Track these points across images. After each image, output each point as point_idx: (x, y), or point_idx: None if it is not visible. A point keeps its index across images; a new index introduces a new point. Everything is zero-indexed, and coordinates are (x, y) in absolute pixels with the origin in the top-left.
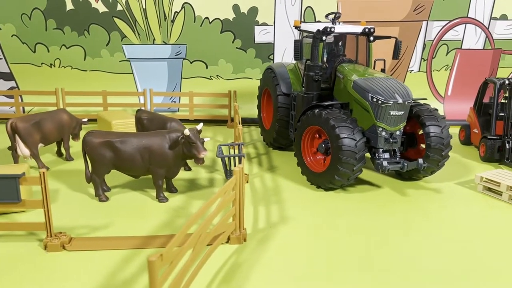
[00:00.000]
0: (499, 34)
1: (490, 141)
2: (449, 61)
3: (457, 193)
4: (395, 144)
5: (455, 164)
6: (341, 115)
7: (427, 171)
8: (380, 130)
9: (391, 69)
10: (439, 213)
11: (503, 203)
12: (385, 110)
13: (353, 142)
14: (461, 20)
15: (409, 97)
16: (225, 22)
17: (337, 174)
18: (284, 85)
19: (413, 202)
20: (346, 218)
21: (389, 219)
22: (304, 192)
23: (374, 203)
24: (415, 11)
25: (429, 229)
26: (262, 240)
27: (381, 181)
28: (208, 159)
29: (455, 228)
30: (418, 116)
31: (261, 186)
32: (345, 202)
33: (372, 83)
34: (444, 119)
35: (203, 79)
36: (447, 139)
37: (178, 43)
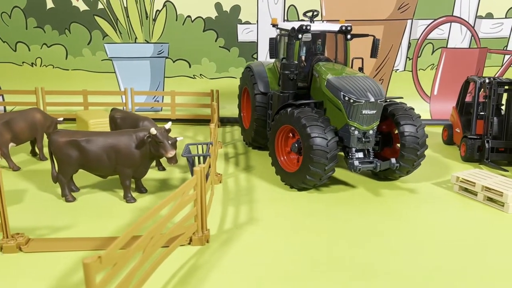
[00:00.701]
0: (484, 33)
1: (470, 140)
2: (435, 60)
3: (432, 193)
4: (368, 144)
5: (435, 164)
6: (313, 114)
7: (402, 171)
8: (353, 129)
9: (376, 68)
10: (412, 214)
11: (478, 204)
12: (357, 109)
13: (325, 142)
14: (446, 18)
15: (382, 96)
16: (208, 20)
17: (309, 174)
18: (262, 84)
19: (387, 203)
20: (315, 219)
21: (359, 220)
22: (277, 193)
23: (347, 204)
24: (400, 10)
25: (400, 230)
26: (226, 241)
27: (357, 181)
28: (182, 159)
29: (427, 229)
30: (393, 115)
31: (234, 186)
32: (317, 203)
33: (345, 82)
34: (420, 118)
35: (187, 78)
36: (422, 139)
37: (160, 42)
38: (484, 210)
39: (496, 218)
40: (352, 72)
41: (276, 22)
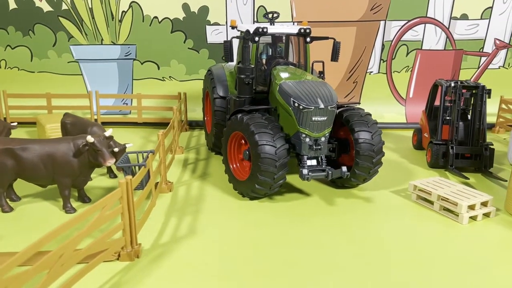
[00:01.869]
0: (460, 34)
1: (436, 146)
2: (410, 62)
3: (389, 202)
4: (320, 151)
5: (399, 170)
6: (262, 120)
7: (358, 178)
8: (304, 137)
9: (349, 70)
10: (361, 225)
11: (434, 214)
12: (306, 115)
13: (273, 149)
14: (420, 20)
15: (333, 102)
16: (175, 21)
17: (258, 182)
18: (221, 87)
19: (338, 213)
20: (259, 231)
21: (304, 231)
22: (227, 202)
23: (296, 214)
24: (372, 11)
25: (345, 242)
26: (158, 256)
27: (313, 189)
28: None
29: (374, 241)
30: (348, 121)
31: (184, 195)
32: (266, 213)
33: (296, 87)
34: (376, 124)
35: (156, 81)
36: (378, 146)
37: (128, 43)
38: (439, 220)
39: (449, 230)
40: (308, 77)
41: (235, 24)
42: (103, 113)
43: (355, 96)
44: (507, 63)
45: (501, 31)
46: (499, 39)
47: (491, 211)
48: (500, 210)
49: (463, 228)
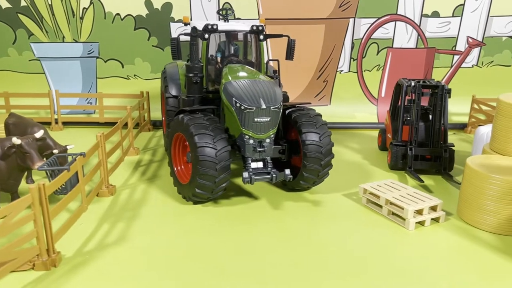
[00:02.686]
0: (431, 32)
1: (395, 147)
2: (381, 61)
3: (338, 206)
4: (264, 153)
5: (358, 171)
6: (204, 121)
7: (308, 181)
8: (247, 138)
9: (319, 69)
10: (305, 231)
11: (382, 219)
12: (248, 116)
13: (213, 152)
14: (390, 17)
15: (276, 102)
16: (138, 18)
17: (198, 186)
18: (173, 86)
19: (284, 217)
20: (196, 238)
21: (245, 237)
22: (169, 207)
23: (240, 219)
24: (341, 8)
25: (285, 249)
26: (78, 265)
27: (262, 192)
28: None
29: (317, 247)
30: (296, 122)
31: (126, 198)
32: (207, 218)
33: (240, 87)
34: (326, 125)
35: (120, 79)
36: (326, 147)
37: (90, 41)
38: (386, 226)
39: (394, 236)
40: (255, 76)
41: (188, 20)
42: (67, 112)
43: (325, 96)
44: (481, 61)
45: (473, 29)
46: (472, 37)
47: (441, 216)
48: (452, 214)
49: (409, 234)
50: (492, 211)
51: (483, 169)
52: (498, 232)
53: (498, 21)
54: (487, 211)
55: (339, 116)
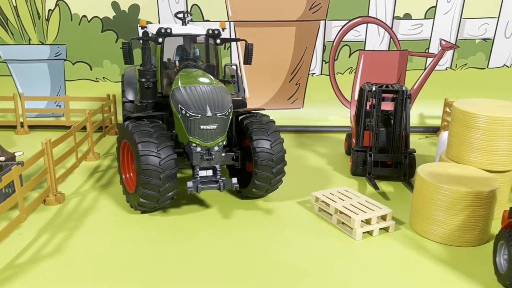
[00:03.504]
0: (404, 34)
1: (356, 153)
2: (353, 64)
3: (290, 214)
4: (213, 161)
5: (319, 177)
6: (148, 128)
7: (260, 189)
8: (194, 146)
9: (291, 72)
10: (251, 241)
11: (332, 228)
12: (194, 123)
13: (157, 160)
14: (362, 19)
15: (223, 110)
16: (105, 20)
17: (141, 196)
18: (130, 91)
19: (232, 227)
20: (134, 249)
21: (186, 248)
22: (116, 216)
23: (186, 229)
24: (311, 10)
25: (225, 260)
26: (6, 279)
27: (215, 200)
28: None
29: (259, 259)
30: (247, 129)
31: (73, 207)
32: (153, 228)
33: (187, 94)
34: (279, 132)
35: (89, 82)
36: (277, 155)
37: (57, 43)
38: (334, 236)
39: (341, 246)
40: (206, 81)
41: (145, 23)
42: (35, 115)
43: (298, 98)
44: (455, 64)
45: (446, 31)
46: (445, 39)
47: (390, 225)
48: (405, 224)
49: (356, 244)
50: (440, 221)
51: (432, 178)
52: (446, 243)
53: (471, 24)
54: (436, 221)
55: (312, 119)
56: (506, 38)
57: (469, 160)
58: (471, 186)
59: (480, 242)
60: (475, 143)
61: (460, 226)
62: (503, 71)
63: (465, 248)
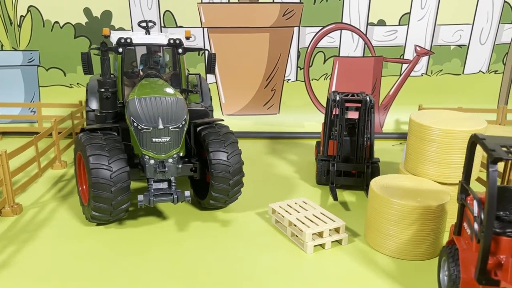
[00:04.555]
0: (378, 41)
1: (321, 162)
2: (328, 70)
3: (247, 226)
4: (167, 174)
5: (284, 186)
6: (101, 141)
7: (218, 200)
8: (147, 158)
9: (266, 78)
10: (201, 255)
11: (286, 240)
12: (146, 136)
13: (108, 173)
14: (336, 26)
15: (176, 122)
16: (78, 26)
17: (94, 209)
18: (94, 100)
19: (185, 239)
20: (80, 264)
21: (133, 263)
22: (71, 227)
23: (138, 242)
24: (285, 17)
25: (169, 276)
26: None
27: (174, 211)
28: None
29: (207, 275)
30: (204, 141)
31: (30, 219)
32: (104, 241)
33: (140, 106)
34: (236, 144)
35: (63, 87)
36: (234, 166)
37: (30, 49)
38: (287, 249)
39: (292, 260)
40: (163, 93)
41: (108, 32)
42: (9, 122)
43: (274, 104)
44: (430, 70)
45: (421, 37)
46: (420, 45)
47: (343, 238)
48: (360, 236)
49: (306, 257)
50: (391, 235)
51: (383, 191)
52: (398, 256)
53: (446, 30)
54: (387, 235)
55: (288, 125)
56: (481, 44)
57: (424, 173)
58: (420, 200)
59: (430, 256)
60: (430, 155)
61: (410, 240)
62: (479, 77)
63: (416, 262)
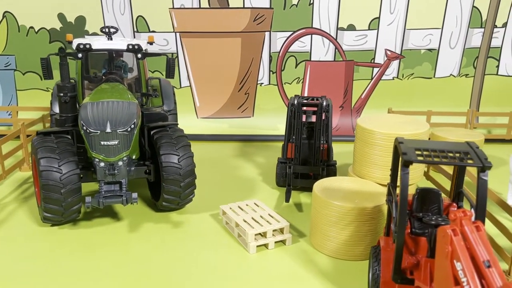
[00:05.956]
0: (348, 45)
1: (280, 164)
2: (300, 74)
3: (198, 227)
4: (117, 176)
5: (245, 188)
6: (52, 144)
7: (171, 202)
8: (97, 161)
9: (239, 81)
10: (147, 255)
11: (233, 241)
12: (94, 139)
13: (57, 176)
14: (306, 30)
15: (125, 125)
16: (53, 32)
17: (45, 210)
18: (57, 104)
19: (134, 241)
20: (25, 267)
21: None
22: (26, 228)
23: (87, 244)
24: (255, 22)
25: (114, 277)
26: None
27: (130, 213)
28: None
29: (148, 275)
30: (156, 144)
31: None
32: (55, 242)
33: (91, 110)
34: (189, 147)
35: (40, 91)
36: (185, 169)
37: (6, 53)
38: (232, 249)
39: (235, 260)
40: (116, 97)
41: (71, 38)
42: None
43: (248, 108)
44: (401, 74)
45: (391, 41)
46: (390, 49)
47: (287, 238)
48: (306, 236)
49: (249, 258)
50: (331, 236)
51: (324, 193)
52: (336, 256)
53: (415, 34)
54: (327, 236)
55: (262, 128)
56: (451, 48)
57: (369, 175)
58: (358, 201)
59: (368, 256)
60: (374, 158)
61: (348, 241)
62: (450, 81)
63: (354, 262)
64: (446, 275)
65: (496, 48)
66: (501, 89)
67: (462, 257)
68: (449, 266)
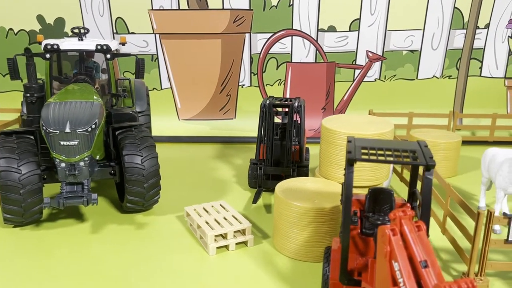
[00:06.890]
0: (329, 46)
1: (252, 166)
2: (281, 75)
3: (161, 229)
4: (78, 177)
5: (217, 189)
6: (13, 144)
7: (136, 204)
8: (58, 162)
9: (220, 83)
10: (103, 257)
11: (194, 243)
12: (54, 139)
13: (16, 176)
14: (286, 32)
15: (85, 125)
16: (32, 34)
17: (5, 211)
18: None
19: (94, 242)
20: None
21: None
22: None
23: (46, 246)
24: (235, 23)
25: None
26: None
27: (96, 213)
28: None
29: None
30: (119, 144)
31: None
32: (15, 243)
33: (52, 110)
34: (153, 147)
35: (21, 93)
36: (149, 170)
37: None
38: (192, 250)
39: (193, 262)
40: (78, 97)
41: (42, 39)
42: None
43: (230, 109)
44: (383, 75)
45: (372, 43)
46: (371, 51)
47: (248, 240)
48: (269, 238)
49: (208, 259)
50: (291, 237)
51: (284, 194)
52: (296, 258)
53: (397, 35)
54: (287, 237)
55: (244, 130)
56: (433, 49)
57: (334, 176)
58: (317, 202)
59: None
60: (337, 159)
61: (308, 242)
62: (433, 82)
63: (313, 264)
64: (385, 276)
65: (479, 50)
66: (484, 91)
67: (399, 257)
68: (388, 266)
